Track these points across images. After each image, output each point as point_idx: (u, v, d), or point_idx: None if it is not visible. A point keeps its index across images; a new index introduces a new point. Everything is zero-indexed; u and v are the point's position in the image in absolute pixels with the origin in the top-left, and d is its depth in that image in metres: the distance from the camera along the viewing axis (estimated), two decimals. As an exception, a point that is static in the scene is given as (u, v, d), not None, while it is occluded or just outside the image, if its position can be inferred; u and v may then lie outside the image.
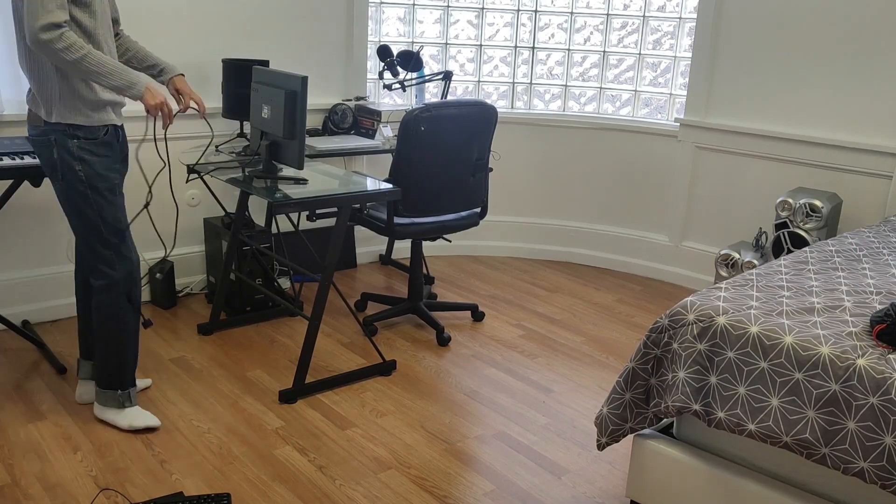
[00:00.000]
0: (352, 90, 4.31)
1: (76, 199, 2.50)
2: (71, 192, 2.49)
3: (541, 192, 4.73)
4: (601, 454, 2.70)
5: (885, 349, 1.85)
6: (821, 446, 1.84)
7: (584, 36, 4.62)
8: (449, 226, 3.49)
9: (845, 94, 3.73)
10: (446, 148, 3.27)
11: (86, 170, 2.48)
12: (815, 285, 2.30)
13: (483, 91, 4.75)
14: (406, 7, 4.49)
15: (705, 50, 4.13)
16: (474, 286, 4.28)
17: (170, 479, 2.45)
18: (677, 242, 4.45)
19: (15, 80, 3.29)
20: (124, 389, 2.71)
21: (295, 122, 2.82)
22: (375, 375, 3.20)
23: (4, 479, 2.41)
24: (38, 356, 3.22)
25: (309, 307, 3.84)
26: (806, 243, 3.59)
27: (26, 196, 3.42)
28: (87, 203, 2.50)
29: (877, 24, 3.59)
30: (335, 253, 2.92)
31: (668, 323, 2.13)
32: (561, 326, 3.79)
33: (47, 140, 2.46)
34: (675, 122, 4.33)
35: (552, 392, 3.13)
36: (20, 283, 3.47)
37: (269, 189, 2.86)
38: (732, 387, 1.98)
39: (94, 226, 2.52)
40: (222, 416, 2.82)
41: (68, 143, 2.45)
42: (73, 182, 2.48)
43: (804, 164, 3.90)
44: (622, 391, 2.20)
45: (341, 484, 2.46)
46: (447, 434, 2.79)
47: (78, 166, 2.47)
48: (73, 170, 2.47)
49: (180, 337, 3.46)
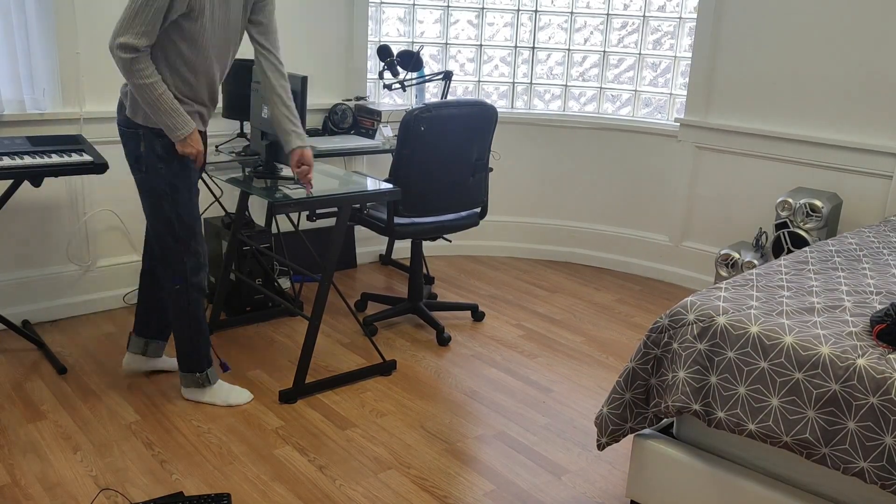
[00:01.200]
0: (352, 90, 4.31)
1: (155, 196, 2.65)
2: (151, 187, 2.63)
3: (541, 192, 4.73)
4: (601, 454, 2.70)
5: (885, 349, 1.85)
6: (821, 446, 1.84)
7: (584, 36, 4.62)
8: (449, 226, 3.49)
9: (845, 94, 3.73)
10: (446, 148, 3.27)
11: (168, 170, 2.61)
12: (816, 285, 2.30)
13: (483, 91, 4.75)
14: (406, 7, 4.49)
15: (705, 50, 4.13)
16: (474, 286, 4.28)
17: (170, 479, 2.45)
18: (677, 242, 4.45)
19: (15, 80, 3.29)
20: (202, 371, 2.87)
21: (295, 122, 2.81)
22: (375, 375, 3.20)
23: (4, 479, 2.41)
24: (38, 356, 3.22)
25: (309, 307, 3.84)
26: (806, 243, 3.59)
27: (26, 196, 3.42)
28: (165, 200, 2.65)
29: (877, 24, 3.59)
30: (335, 253, 2.92)
31: (668, 323, 2.13)
32: (561, 326, 3.79)
33: (135, 133, 2.59)
34: (675, 122, 4.33)
35: (552, 392, 3.13)
36: (20, 283, 3.47)
37: (269, 189, 2.86)
38: (732, 387, 1.98)
39: (168, 221, 2.67)
40: (222, 416, 2.82)
41: (155, 143, 2.58)
42: (155, 179, 2.62)
43: (804, 164, 3.90)
44: (622, 391, 2.20)
45: (341, 484, 2.46)
46: (447, 434, 2.79)
47: (160, 165, 2.61)
48: (156, 168, 2.61)
49: (180, 337, 3.46)
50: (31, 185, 3.02)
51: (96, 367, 3.14)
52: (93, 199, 3.57)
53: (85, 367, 3.14)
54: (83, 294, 3.64)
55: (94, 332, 3.47)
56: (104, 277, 3.68)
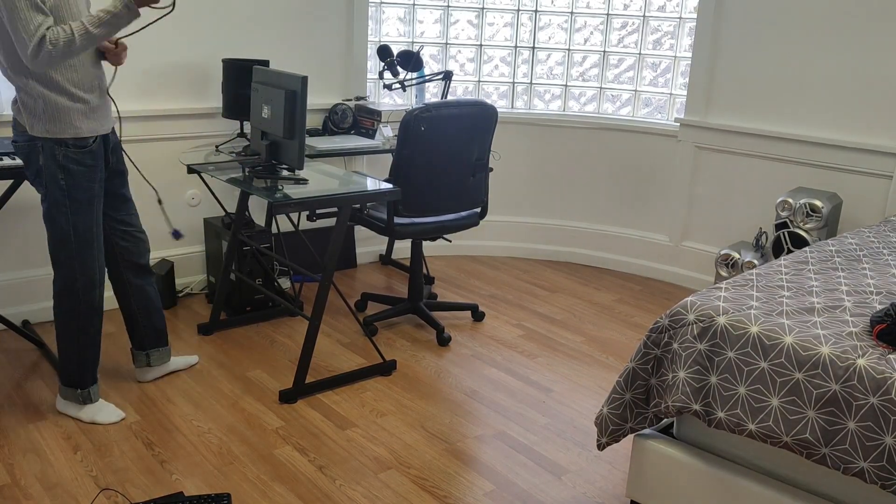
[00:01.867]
0: (352, 90, 4.31)
1: (52, 207, 2.53)
2: (53, 200, 2.52)
3: (541, 192, 4.73)
4: (601, 454, 2.70)
5: (886, 349, 1.85)
6: (821, 446, 1.84)
7: (584, 36, 4.62)
8: (449, 226, 3.49)
9: (845, 94, 3.73)
10: (446, 148, 3.27)
11: (67, 180, 2.50)
12: (816, 285, 2.30)
13: (483, 91, 4.75)
14: (406, 7, 4.49)
15: (705, 50, 4.13)
16: (474, 286, 4.28)
17: (170, 479, 2.44)
18: (677, 242, 4.45)
19: (15, 80, 3.29)
20: (84, 388, 2.74)
21: (295, 122, 2.82)
22: (375, 375, 3.20)
23: (4, 479, 2.41)
24: (38, 356, 3.22)
25: (309, 307, 3.84)
26: (806, 243, 3.59)
27: (26, 196, 3.42)
28: (60, 212, 2.53)
29: (877, 24, 3.59)
30: (335, 253, 2.92)
31: (669, 323, 2.13)
32: (561, 326, 3.79)
33: (34, 146, 2.48)
34: (675, 122, 4.33)
35: (552, 392, 3.13)
36: (20, 283, 3.46)
37: (269, 189, 2.86)
38: (732, 387, 1.98)
39: (64, 235, 2.55)
40: (222, 416, 2.82)
41: (56, 152, 2.46)
42: (55, 192, 2.50)
43: (804, 164, 3.90)
44: (622, 391, 2.20)
45: (341, 484, 2.46)
46: (447, 434, 2.79)
47: (60, 175, 2.49)
48: (56, 179, 2.49)
49: (180, 337, 3.46)
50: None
51: (96, 367, 3.14)
52: (93, 199, 3.57)
53: (85, 367, 3.14)
54: (83, 294, 3.64)
55: (94, 332, 3.47)
56: (104, 277, 3.68)
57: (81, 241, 2.57)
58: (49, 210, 2.54)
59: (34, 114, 2.43)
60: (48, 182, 2.49)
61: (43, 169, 2.48)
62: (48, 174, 2.48)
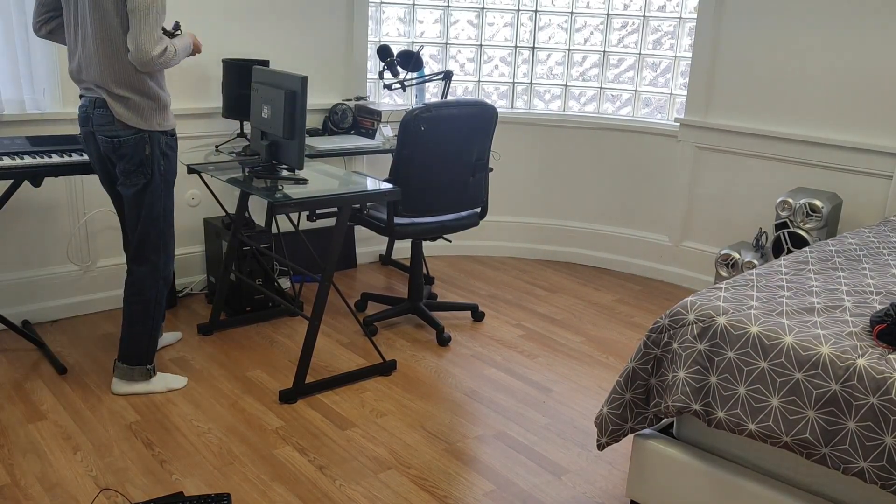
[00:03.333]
0: (352, 90, 4.31)
1: (153, 194, 2.79)
2: (152, 187, 2.78)
3: (541, 192, 4.73)
4: (601, 454, 2.70)
5: (885, 349, 1.85)
6: (821, 446, 1.84)
7: (584, 36, 4.62)
8: (449, 226, 3.49)
9: (845, 94, 3.73)
10: (446, 148, 3.27)
11: (166, 166, 2.81)
12: (816, 285, 2.30)
13: (483, 91, 4.75)
14: (406, 7, 4.49)
15: (705, 50, 4.13)
16: (474, 286, 4.28)
17: (170, 479, 2.45)
18: (677, 242, 4.45)
19: (15, 80, 3.29)
20: (151, 363, 2.97)
21: (295, 122, 2.82)
22: (375, 375, 3.20)
23: (4, 479, 2.41)
24: (38, 356, 3.22)
25: (309, 307, 3.84)
26: (806, 243, 3.59)
27: (26, 196, 3.42)
28: (157, 196, 2.81)
29: (877, 24, 3.59)
30: (335, 253, 2.92)
31: (668, 323, 2.13)
32: (561, 326, 3.79)
33: (142, 139, 2.72)
34: (675, 122, 4.33)
35: (552, 392, 3.13)
36: (20, 283, 3.47)
37: (269, 189, 2.86)
38: (732, 387, 1.98)
39: (157, 214, 2.83)
40: (222, 416, 2.82)
41: (160, 141, 2.77)
42: (156, 176, 2.79)
43: (804, 164, 3.90)
44: (622, 391, 2.20)
45: (341, 484, 2.46)
46: (447, 434, 2.79)
47: (162, 162, 2.80)
48: (158, 165, 2.79)
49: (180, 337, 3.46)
50: (31, 185, 3.02)
51: (96, 367, 3.14)
52: (93, 199, 3.57)
53: (85, 367, 3.14)
54: (83, 294, 3.64)
55: (94, 332, 3.47)
56: (104, 277, 3.68)
57: (168, 220, 2.88)
58: (146, 196, 2.79)
59: (148, 110, 2.72)
60: (153, 169, 2.77)
61: (148, 158, 2.75)
62: (153, 162, 2.77)
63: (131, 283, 2.88)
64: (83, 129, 2.80)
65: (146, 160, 2.75)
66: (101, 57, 2.64)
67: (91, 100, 2.72)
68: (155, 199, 2.81)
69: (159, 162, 2.78)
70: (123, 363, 2.92)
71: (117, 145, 2.72)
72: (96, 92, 2.70)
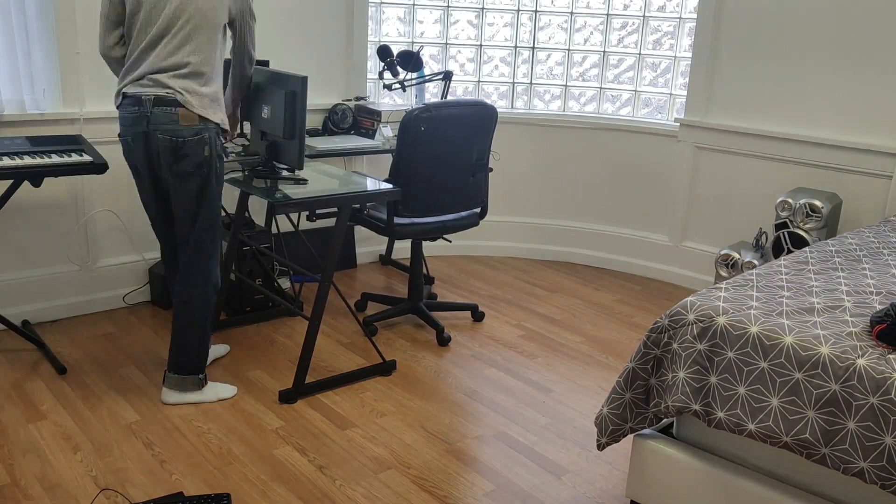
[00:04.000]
0: (352, 90, 4.31)
1: (208, 195, 2.71)
2: (208, 189, 2.70)
3: (541, 192, 4.73)
4: (601, 454, 2.70)
5: (885, 349, 1.85)
6: (821, 446, 1.84)
7: (584, 36, 4.62)
8: (449, 226, 3.49)
9: (845, 94, 3.73)
10: (446, 148, 3.27)
11: (220, 167, 2.74)
12: (815, 285, 2.30)
13: (483, 91, 4.75)
14: (406, 7, 4.49)
15: (705, 50, 4.13)
16: (474, 286, 4.29)
17: (170, 479, 2.45)
18: (677, 242, 4.45)
19: (15, 80, 3.29)
20: (203, 372, 2.90)
21: (295, 122, 2.82)
22: (375, 375, 3.20)
23: (4, 479, 2.41)
24: (38, 356, 3.22)
25: (309, 307, 3.84)
26: (806, 243, 3.59)
27: (26, 196, 3.42)
28: (213, 198, 2.73)
29: (877, 24, 3.59)
30: (335, 253, 2.92)
31: (668, 323, 2.13)
32: (561, 326, 3.79)
33: (201, 139, 2.64)
34: (675, 122, 4.33)
35: (552, 392, 3.13)
36: (20, 283, 3.47)
37: (269, 189, 2.86)
38: (732, 387, 1.99)
39: (213, 215, 2.75)
40: (222, 416, 2.82)
41: (217, 141, 2.70)
42: (213, 177, 2.71)
43: (804, 164, 3.90)
44: (622, 391, 2.20)
45: (341, 484, 2.46)
46: (447, 434, 2.79)
47: (219, 163, 2.73)
48: (215, 167, 2.71)
49: (180, 337, 3.46)
50: (31, 185, 3.02)
51: (96, 367, 3.14)
52: (93, 199, 3.57)
53: (85, 367, 3.14)
54: (83, 294, 3.64)
55: (94, 332, 3.47)
56: (104, 277, 3.68)
57: (218, 223, 2.80)
58: (204, 198, 2.70)
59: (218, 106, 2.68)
60: (210, 172, 2.69)
61: (206, 160, 2.67)
62: (213, 162, 2.69)
63: (181, 290, 2.79)
64: (132, 129, 2.66)
65: (204, 162, 2.67)
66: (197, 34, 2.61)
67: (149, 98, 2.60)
68: (211, 201, 2.74)
69: (216, 164, 2.71)
70: (174, 373, 2.85)
71: (180, 145, 2.62)
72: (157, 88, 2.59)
